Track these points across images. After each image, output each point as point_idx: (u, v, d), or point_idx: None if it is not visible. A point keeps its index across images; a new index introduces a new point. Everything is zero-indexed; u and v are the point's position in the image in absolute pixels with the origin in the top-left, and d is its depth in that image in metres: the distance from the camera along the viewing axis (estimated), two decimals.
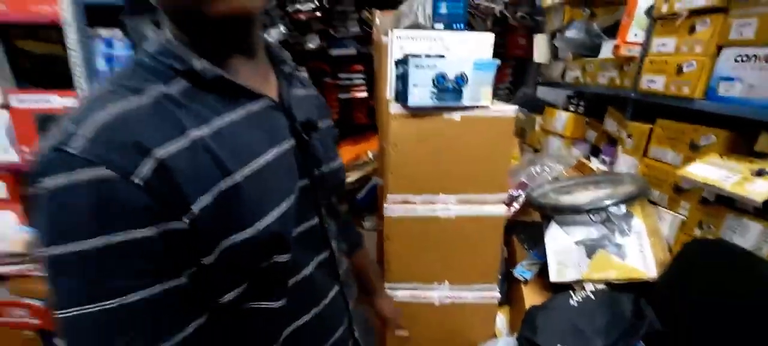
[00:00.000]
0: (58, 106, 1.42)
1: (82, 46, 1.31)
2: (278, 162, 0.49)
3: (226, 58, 0.48)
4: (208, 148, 0.43)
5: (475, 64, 1.05)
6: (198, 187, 0.41)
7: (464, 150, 1.14)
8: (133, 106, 0.40)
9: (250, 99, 0.49)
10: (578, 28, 1.73)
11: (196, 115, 0.44)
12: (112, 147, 0.37)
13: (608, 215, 1.26)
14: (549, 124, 2.03)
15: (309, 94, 0.64)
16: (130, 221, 0.38)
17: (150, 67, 0.45)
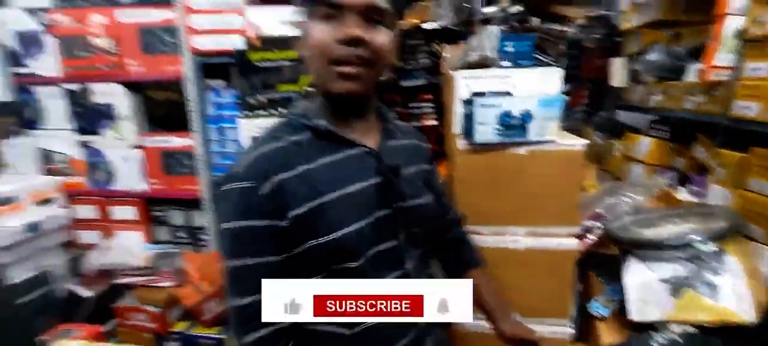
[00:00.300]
0: (178, 146, 1.72)
1: (197, 97, 1.59)
2: (360, 193, 0.68)
3: (342, 118, 0.71)
4: (310, 178, 0.66)
5: (539, 101, 1.08)
6: (296, 202, 0.64)
7: (532, 183, 1.16)
8: (271, 149, 0.67)
9: (350, 146, 0.70)
10: (660, 51, 1.65)
11: (309, 155, 0.67)
12: (252, 173, 0.64)
13: (696, 251, 1.17)
14: (630, 150, 1.93)
15: (406, 143, 0.81)
16: (254, 215, 0.64)
17: (291, 122, 0.71)
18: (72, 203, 1.89)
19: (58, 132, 1.81)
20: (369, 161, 0.71)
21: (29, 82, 1.78)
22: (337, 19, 0.62)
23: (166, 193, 1.80)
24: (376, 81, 0.70)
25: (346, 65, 0.63)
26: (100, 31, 1.63)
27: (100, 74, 1.69)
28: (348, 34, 0.61)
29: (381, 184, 0.70)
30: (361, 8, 0.62)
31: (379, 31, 0.64)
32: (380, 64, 0.67)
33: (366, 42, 0.62)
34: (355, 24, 0.62)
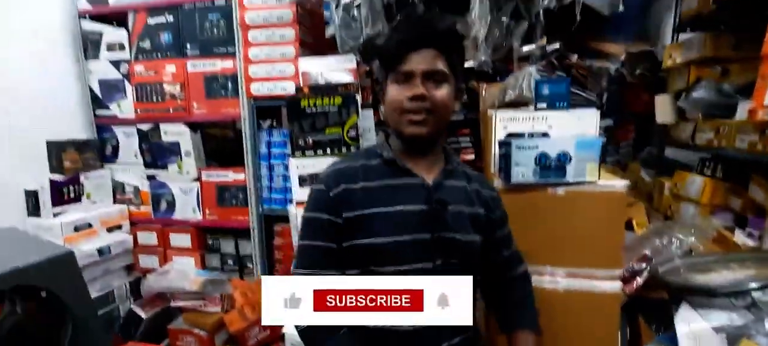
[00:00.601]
0: (231, 180, 1.87)
1: (251, 136, 1.73)
2: (405, 213, 0.83)
3: (410, 154, 0.89)
4: (367, 192, 0.84)
5: (577, 143, 1.09)
6: (351, 207, 0.83)
7: (571, 224, 1.16)
8: (346, 166, 0.89)
9: (409, 176, 0.87)
10: (707, 88, 1.60)
11: (373, 176, 0.86)
12: (330, 180, 0.86)
13: (754, 299, 1.10)
14: (681, 189, 1.84)
15: (464, 186, 0.92)
16: (323, 209, 0.84)
17: (368, 150, 0.95)
18: (136, 230, 2.08)
19: (130, 166, 2.04)
20: (421, 191, 0.86)
21: (108, 123, 2.03)
22: (408, 81, 0.82)
23: (218, 223, 1.95)
24: (439, 126, 0.86)
25: (414, 114, 0.82)
26: (171, 79, 1.84)
27: (169, 116, 1.89)
28: (414, 92, 0.81)
29: (426, 212, 0.84)
30: (424, 73, 0.81)
31: (439, 89, 0.83)
32: (441, 113, 0.84)
33: (428, 97, 0.81)
34: (420, 84, 0.81)
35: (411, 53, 0.82)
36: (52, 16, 1.92)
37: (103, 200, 2.01)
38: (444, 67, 0.83)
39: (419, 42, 0.82)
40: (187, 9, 1.79)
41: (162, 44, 1.86)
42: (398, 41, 0.83)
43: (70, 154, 1.86)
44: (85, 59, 1.98)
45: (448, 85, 0.84)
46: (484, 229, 0.92)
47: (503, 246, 0.99)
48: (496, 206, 0.97)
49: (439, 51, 0.83)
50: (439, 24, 0.85)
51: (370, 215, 0.83)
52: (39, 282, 0.75)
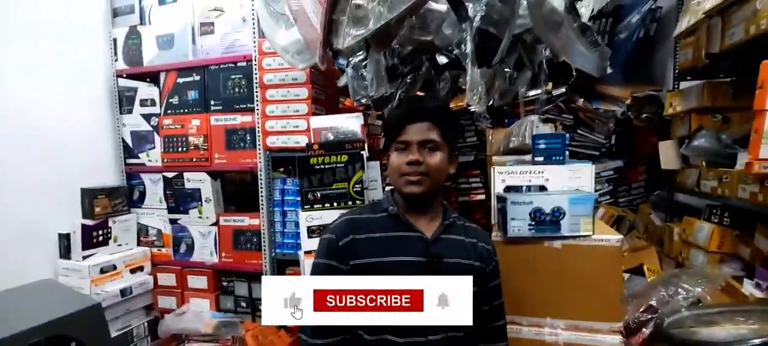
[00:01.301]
0: (247, 225, 1.97)
1: (266, 184, 1.85)
2: (405, 263, 0.93)
3: (410, 209, 1.00)
4: (372, 242, 0.95)
5: (571, 199, 1.14)
6: (357, 256, 0.94)
7: (569, 276, 1.19)
8: (354, 217, 1.01)
9: (410, 230, 0.97)
10: (707, 137, 1.63)
11: (378, 228, 0.97)
12: (339, 230, 0.98)
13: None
14: (689, 235, 1.84)
15: (461, 239, 1.01)
16: (332, 257, 0.95)
17: (374, 204, 1.07)
18: (156, 271, 2.19)
19: (154, 210, 2.17)
20: (420, 244, 0.96)
21: (137, 170, 2.19)
22: (406, 149, 0.96)
23: (233, 265, 2.04)
24: (434, 186, 0.97)
25: (411, 176, 0.95)
26: (195, 131, 2.00)
27: (192, 165, 2.04)
28: (411, 158, 0.95)
29: (424, 262, 0.94)
30: (419, 142, 0.96)
31: (433, 155, 0.96)
32: (435, 175, 0.96)
33: (423, 162, 0.95)
34: (416, 151, 0.95)
35: (408, 126, 0.96)
36: (93, 74, 2.13)
37: (128, 242, 2.14)
38: (437, 137, 0.96)
39: (414, 116, 0.97)
40: (213, 69, 1.97)
41: (189, 100, 2.03)
42: (398, 116, 0.99)
43: (101, 201, 2.01)
44: (120, 113, 2.17)
45: (442, 152, 0.97)
46: (479, 281, 0.98)
47: (492, 297, 1.06)
48: (490, 259, 1.05)
49: (433, 123, 0.97)
50: (431, 103, 1.01)
51: (372, 263, 0.93)
52: (70, 332, 0.84)
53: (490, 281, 1.05)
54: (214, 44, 1.96)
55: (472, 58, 1.11)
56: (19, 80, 1.81)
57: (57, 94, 1.95)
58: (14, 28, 1.81)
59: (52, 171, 1.92)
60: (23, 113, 1.82)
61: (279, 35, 1.32)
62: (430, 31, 1.45)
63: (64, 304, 0.89)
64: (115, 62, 2.15)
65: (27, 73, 1.84)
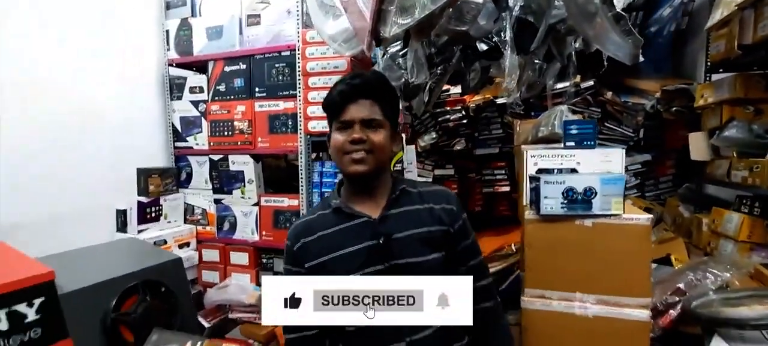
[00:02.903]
0: (286, 206, 2.10)
1: (306, 166, 1.97)
2: (353, 253, 0.95)
3: (355, 194, 1.01)
4: (321, 241, 0.97)
5: (602, 180, 1.21)
6: (310, 257, 0.96)
7: (599, 253, 1.25)
8: (304, 220, 1.03)
9: (354, 218, 0.98)
10: (739, 128, 1.66)
11: (326, 225, 0.98)
12: (293, 236, 1.01)
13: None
14: (718, 225, 1.86)
15: (412, 209, 1.00)
16: (289, 262, 1.00)
17: (324, 200, 1.08)
18: (201, 248, 2.35)
19: (200, 191, 2.33)
20: (367, 228, 0.96)
21: (185, 153, 2.36)
22: (348, 128, 0.95)
23: (273, 243, 2.17)
24: (378, 164, 0.97)
25: (354, 153, 0.94)
26: (241, 117, 2.14)
27: (237, 148, 2.18)
28: (354, 137, 0.94)
29: (374, 246, 0.94)
30: (361, 120, 0.95)
31: (376, 132, 0.96)
32: (379, 153, 0.96)
33: (366, 140, 0.94)
34: (359, 130, 0.94)
35: (350, 104, 0.95)
36: (147, 63, 2.31)
37: (176, 219, 2.31)
38: (379, 116, 0.96)
39: (356, 94, 0.95)
40: (258, 58, 2.11)
41: (235, 88, 2.18)
42: (339, 93, 0.96)
43: (154, 180, 2.18)
44: (170, 100, 2.34)
45: (384, 130, 0.97)
46: (442, 245, 0.99)
47: (468, 257, 1.05)
48: (454, 219, 1.02)
49: (374, 101, 0.96)
50: (373, 78, 0.99)
51: (324, 261, 0.95)
52: (161, 279, 0.98)
53: (459, 241, 1.03)
54: (260, 35, 2.09)
55: (511, 45, 1.18)
56: (80, 70, 1.99)
57: (115, 82, 2.13)
58: (73, 20, 1.97)
59: (111, 152, 2.10)
60: (85, 100, 2.00)
61: (327, 25, 1.42)
62: (465, 22, 1.53)
63: (151, 257, 1.02)
64: (167, 52, 2.31)
65: (87, 63, 2.01)
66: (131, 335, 0.93)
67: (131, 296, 0.93)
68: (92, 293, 0.87)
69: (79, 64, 1.98)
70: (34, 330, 0.67)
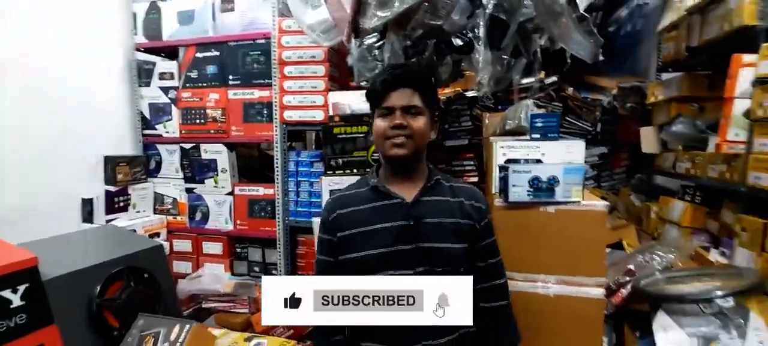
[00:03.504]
0: (261, 194, 2.10)
1: (282, 155, 1.98)
2: (384, 230, 0.99)
3: (394, 175, 1.06)
4: (355, 215, 1.02)
5: (564, 169, 1.31)
6: (342, 228, 1.01)
7: (560, 237, 1.36)
8: (341, 195, 1.08)
9: (390, 198, 1.03)
10: (684, 123, 1.83)
11: (361, 201, 1.04)
12: (327, 207, 1.07)
13: (720, 307, 1.29)
14: (665, 213, 2.04)
15: (445, 199, 1.05)
16: (324, 232, 1.05)
17: (361, 180, 1.12)
18: (172, 238, 2.30)
19: (171, 180, 2.28)
20: (400, 209, 1.01)
21: (154, 141, 2.30)
22: (390, 114, 1.00)
23: (248, 232, 2.17)
24: (417, 149, 1.02)
25: (395, 139, 0.99)
26: (214, 104, 2.11)
27: (210, 136, 2.15)
28: (395, 122, 0.99)
29: (405, 226, 0.99)
30: (402, 107, 1.00)
31: (416, 119, 1.00)
32: (418, 139, 1.00)
33: (407, 126, 0.99)
34: (399, 116, 0.99)
35: (391, 92, 1.00)
36: (113, 47, 2.21)
37: (145, 209, 2.25)
38: (419, 102, 1.00)
39: (397, 83, 1.00)
40: (232, 46, 2.08)
41: (207, 75, 2.14)
42: (381, 82, 1.02)
43: (123, 168, 2.11)
44: (139, 85, 2.26)
45: (424, 117, 1.01)
46: (468, 238, 1.03)
47: (487, 255, 1.10)
48: (481, 217, 1.07)
49: (414, 89, 1.01)
50: (411, 70, 1.05)
51: (355, 233, 1.00)
52: (144, 265, 0.98)
53: (482, 238, 1.08)
54: (234, 21, 2.06)
55: (484, 40, 1.25)
56: (44, 52, 1.89)
57: (79, 66, 2.03)
58: (35, 1, 1.87)
59: (74, 140, 2.01)
60: (47, 84, 1.91)
61: (306, 15, 1.44)
62: (440, 17, 1.59)
63: (132, 243, 1.02)
64: (135, 36, 2.23)
65: (49, 46, 1.92)
66: (116, 320, 0.93)
67: (115, 282, 0.93)
68: (76, 279, 0.86)
69: (41, 47, 1.89)
70: (19, 316, 0.67)
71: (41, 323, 0.70)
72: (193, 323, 0.88)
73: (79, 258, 0.92)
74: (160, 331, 0.84)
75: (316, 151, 1.99)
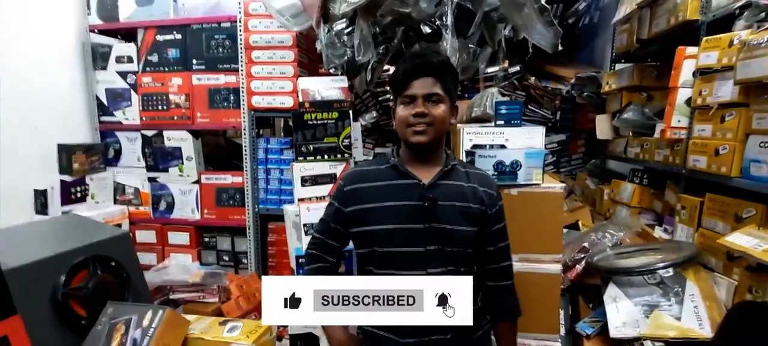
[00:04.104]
0: (229, 183, 2.07)
1: (250, 142, 1.95)
2: (399, 207, 1.03)
3: (412, 159, 1.08)
4: (370, 190, 1.05)
5: (526, 154, 1.39)
6: (356, 202, 1.05)
7: (522, 217, 1.44)
8: (360, 169, 1.14)
9: (408, 178, 1.05)
10: (634, 111, 1.96)
11: (378, 178, 1.07)
12: (348, 179, 1.10)
13: (662, 278, 1.42)
14: (616, 195, 2.19)
15: (459, 184, 1.08)
16: (339, 201, 1.09)
17: (381, 157, 1.16)
18: (135, 229, 2.22)
19: (132, 169, 2.19)
20: (417, 189, 1.04)
21: (112, 129, 2.19)
22: (412, 102, 1.03)
23: (216, 222, 2.13)
24: (438, 136, 1.05)
25: (417, 126, 1.02)
26: (177, 90, 2.03)
27: (173, 123, 2.08)
28: (417, 110, 1.02)
29: (419, 206, 1.02)
30: (424, 96, 1.03)
31: (436, 107, 1.03)
32: (439, 126, 1.04)
33: (428, 114, 1.02)
34: (421, 105, 1.02)
35: (413, 81, 1.03)
36: (64, 29, 2.07)
37: (105, 200, 2.16)
38: (440, 91, 1.03)
39: (419, 72, 1.03)
40: (195, 28, 2.00)
41: (169, 59, 2.05)
42: (404, 71, 1.04)
43: (79, 157, 2.00)
44: (94, 69, 2.14)
45: (444, 105, 1.04)
46: (478, 222, 1.07)
47: (496, 239, 1.13)
48: (492, 204, 1.10)
49: (435, 78, 1.03)
50: (435, 59, 1.06)
51: (370, 208, 1.03)
52: (110, 253, 0.95)
53: (493, 224, 1.10)
54: (198, 4, 1.99)
55: (452, 29, 1.29)
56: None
57: (26, 48, 1.90)
58: None
59: (23, 127, 1.89)
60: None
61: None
62: (408, 4, 1.61)
63: (96, 232, 0.98)
64: (88, 16, 2.10)
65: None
66: (83, 310, 0.90)
67: (81, 271, 0.90)
68: (39, 268, 0.83)
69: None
70: None
71: (3, 313, 0.68)
72: (166, 308, 0.87)
73: (41, 248, 0.88)
74: (131, 318, 0.83)
75: (286, 138, 1.98)
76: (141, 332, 0.80)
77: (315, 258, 1.13)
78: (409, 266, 1.02)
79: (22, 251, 0.85)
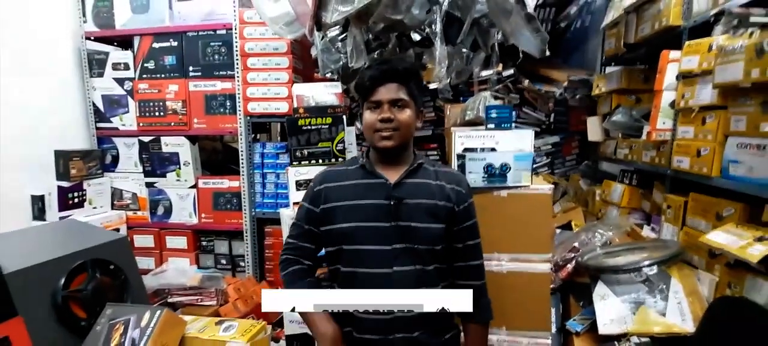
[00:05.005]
0: (226, 187, 2.10)
1: (247, 147, 1.98)
2: (366, 206, 1.06)
3: (380, 161, 1.12)
4: (339, 190, 1.09)
5: (515, 157, 1.43)
6: (326, 201, 1.08)
7: (512, 218, 1.48)
8: (331, 170, 1.16)
9: (375, 177, 1.09)
10: (622, 113, 2.00)
11: (347, 178, 1.10)
12: (317, 180, 1.14)
13: (647, 275, 1.46)
14: (607, 195, 2.23)
15: (426, 182, 1.10)
16: (309, 201, 1.11)
17: (352, 159, 1.17)
18: (132, 234, 2.25)
19: (129, 174, 2.22)
20: (383, 189, 1.07)
21: (109, 135, 2.22)
22: (378, 107, 1.06)
23: (213, 225, 2.16)
24: (404, 139, 1.08)
25: (383, 131, 1.06)
26: (173, 96, 2.07)
27: (170, 129, 2.11)
28: (383, 116, 1.05)
29: (386, 205, 1.05)
30: (390, 101, 1.06)
31: (402, 111, 1.07)
32: (404, 130, 1.07)
33: (394, 119, 1.05)
34: (387, 110, 1.05)
35: (379, 86, 1.06)
36: (60, 36, 2.10)
37: (103, 205, 2.18)
38: (405, 96, 1.06)
39: (385, 78, 1.06)
40: (191, 36, 2.04)
41: (165, 66, 2.08)
42: (370, 77, 1.07)
43: (76, 163, 2.03)
44: (90, 76, 2.17)
45: (410, 109, 1.07)
46: (446, 219, 1.08)
47: (465, 237, 1.14)
48: (460, 201, 1.12)
49: (400, 84, 1.07)
50: (400, 65, 1.09)
51: (338, 206, 1.07)
52: (108, 257, 0.98)
53: (461, 221, 1.12)
54: (192, 11, 2.02)
55: (440, 36, 1.33)
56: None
57: (21, 54, 1.92)
58: None
59: (20, 134, 1.91)
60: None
61: (268, 7, 1.45)
62: (400, 11, 1.65)
63: (95, 236, 1.01)
64: (84, 24, 2.13)
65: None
66: (83, 311, 0.93)
67: (80, 274, 0.93)
68: (39, 271, 0.86)
69: None
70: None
71: (4, 315, 0.70)
72: (164, 309, 0.90)
73: (40, 251, 0.91)
74: (129, 318, 0.86)
75: (282, 143, 2.02)
76: (139, 332, 0.83)
77: (289, 262, 1.12)
78: (375, 263, 1.04)
79: (23, 255, 0.88)
